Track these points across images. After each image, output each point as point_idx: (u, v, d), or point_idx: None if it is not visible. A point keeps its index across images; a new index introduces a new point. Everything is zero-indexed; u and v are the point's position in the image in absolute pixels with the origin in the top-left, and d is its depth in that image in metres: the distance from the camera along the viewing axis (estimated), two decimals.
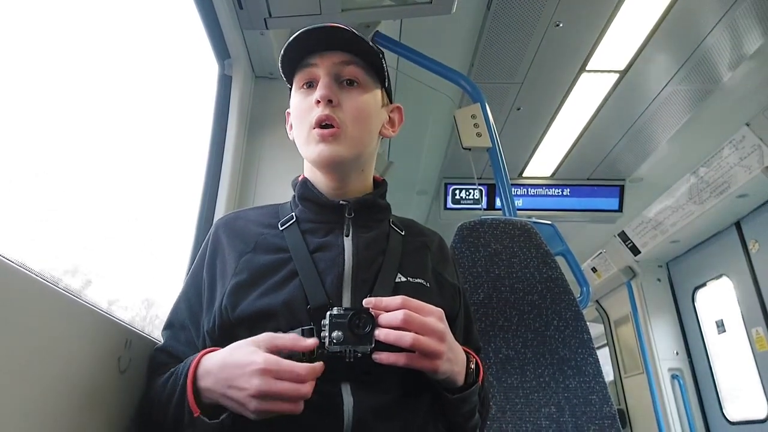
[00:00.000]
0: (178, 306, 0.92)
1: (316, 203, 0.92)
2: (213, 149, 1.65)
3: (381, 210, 0.96)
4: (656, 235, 4.06)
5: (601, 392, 1.37)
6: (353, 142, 0.90)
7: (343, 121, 0.88)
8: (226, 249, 0.90)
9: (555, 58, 2.81)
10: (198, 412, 0.71)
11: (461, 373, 0.80)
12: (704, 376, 3.99)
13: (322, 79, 0.89)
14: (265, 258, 0.86)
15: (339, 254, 0.85)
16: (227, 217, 0.98)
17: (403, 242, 0.94)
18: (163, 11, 1.59)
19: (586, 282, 1.87)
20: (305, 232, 0.89)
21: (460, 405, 0.81)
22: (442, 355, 0.75)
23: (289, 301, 0.80)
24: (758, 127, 3.01)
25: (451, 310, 0.88)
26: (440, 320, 0.77)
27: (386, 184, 1.00)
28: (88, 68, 1.21)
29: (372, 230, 0.91)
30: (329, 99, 0.87)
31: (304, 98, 0.92)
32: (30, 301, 0.63)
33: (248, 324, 0.80)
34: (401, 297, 0.76)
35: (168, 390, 0.77)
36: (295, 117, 0.94)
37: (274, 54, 1.75)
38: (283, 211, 0.96)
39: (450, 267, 0.99)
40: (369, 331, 0.72)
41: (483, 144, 1.96)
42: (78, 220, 1.20)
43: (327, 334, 0.72)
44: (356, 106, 0.90)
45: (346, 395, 0.75)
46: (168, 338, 0.90)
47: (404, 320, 0.72)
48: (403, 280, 0.86)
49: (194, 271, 0.93)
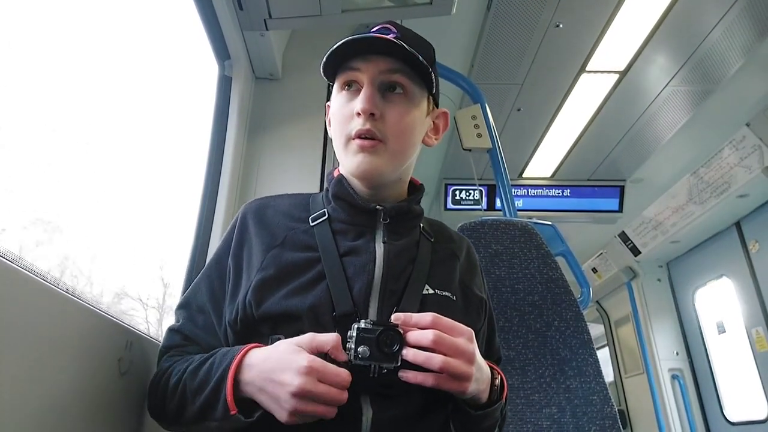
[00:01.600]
0: (198, 287, 0.89)
1: (350, 204, 0.88)
2: (213, 150, 1.65)
3: (415, 216, 0.92)
4: (656, 236, 4.06)
5: (602, 393, 1.37)
6: (394, 155, 0.86)
7: (385, 134, 0.84)
8: (253, 239, 0.87)
9: (555, 58, 2.81)
10: (235, 411, 0.70)
11: (486, 390, 0.79)
12: (704, 376, 3.98)
13: (366, 88, 0.84)
14: (293, 255, 0.84)
15: (370, 261, 0.83)
16: (257, 202, 0.94)
17: (432, 251, 0.91)
18: (163, 12, 1.59)
19: (586, 282, 1.87)
20: (336, 232, 0.87)
21: (482, 421, 0.80)
22: (470, 377, 0.73)
23: (315, 305, 0.78)
24: (758, 127, 3.01)
25: (474, 325, 0.85)
26: (470, 341, 0.75)
27: (423, 190, 0.95)
28: (88, 69, 1.21)
29: (403, 237, 0.88)
30: (371, 113, 0.83)
31: (346, 103, 0.87)
32: (29, 301, 0.63)
33: (272, 323, 0.80)
34: (432, 315, 0.74)
35: (200, 378, 0.74)
36: (335, 121, 0.89)
37: (274, 55, 1.75)
38: (315, 205, 0.92)
39: (477, 277, 0.97)
40: (397, 350, 0.71)
41: (483, 145, 1.96)
42: (77, 220, 1.20)
43: (353, 347, 0.71)
44: (400, 118, 0.85)
45: (365, 407, 0.75)
46: (184, 319, 0.88)
47: (434, 341, 0.71)
48: (430, 293, 0.84)
49: (218, 255, 0.90)
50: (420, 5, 1.63)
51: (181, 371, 0.78)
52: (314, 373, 0.67)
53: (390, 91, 0.86)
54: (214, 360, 0.76)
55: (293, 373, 0.67)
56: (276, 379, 0.69)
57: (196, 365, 0.77)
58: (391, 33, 0.85)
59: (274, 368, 0.69)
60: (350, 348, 0.71)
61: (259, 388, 0.70)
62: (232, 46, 1.64)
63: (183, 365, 0.79)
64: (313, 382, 0.67)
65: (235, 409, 0.70)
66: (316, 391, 0.67)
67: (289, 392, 0.67)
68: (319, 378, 0.68)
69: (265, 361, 0.71)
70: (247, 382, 0.71)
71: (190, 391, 0.75)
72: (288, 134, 1.80)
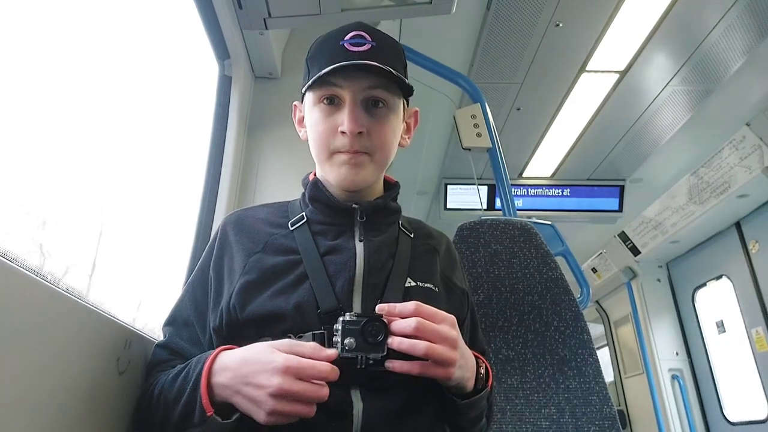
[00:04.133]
0: (182, 302, 0.90)
1: (327, 205, 0.89)
2: (213, 149, 1.65)
3: (392, 213, 0.94)
4: (656, 236, 4.05)
5: (601, 393, 1.37)
6: (378, 165, 0.89)
7: (370, 148, 0.86)
8: (234, 247, 0.88)
9: (555, 58, 2.81)
10: (212, 411, 0.70)
11: (471, 378, 0.80)
12: (704, 376, 3.98)
13: (350, 106, 0.84)
14: (275, 259, 0.85)
15: (350, 258, 0.84)
16: (235, 214, 0.95)
17: (411, 246, 0.93)
18: (163, 11, 1.59)
19: (586, 282, 1.88)
20: (316, 233, 0.88)
21: (469, 410, 0.81)
22: (454, 362, 0.74)
23: (300, 304, 0.79)
24: (758, 127, 3.01)
25: (458, 315, 0.87)
26: (453, 327, 0.76)
27: (398, 187, 0.97)
28: (88, 69, 1.20)
29: (382, 233, 0.90)
30: (359, 131, 0.84)
31: (326, 117, 0.86)
32: (26, 299, 0.63)
33: (257, 325, 0.80)
34: (414, 303, 0.75)
35: (177, 386, 0.75)
36: (315, 133, 0.88)
37: (273, 54, 1.75)
38: (293, 210, 0.94)
39: (458, 270, 0.98)
40: (382, 340, 0.72)
41: (483, 144, 1.96)
42: (77, 220, 1.20)
43: (339, 341, 0.71)
44: (384, 132, 0.87)
45: (355, 400, 0.75)
46: (170, 334, 0.88)
47: (417, 328, 0.72)
48: (412, 285, 0.86)
49: (200, 268, 0.91)
50: (420, 5, 1.63)
51: (162, 383, 0.78)
52: (291, 372, 0.67)
53: (373, 106, 0.87)
54: (189, 368, 0.76)
55: (269, 373, 0.67)
56: (252, 381, 0.68)
57: (174, 374, 0.77)
58: (366, 42, 0.85)
59: (250, 371, 0.69)
60: (337, 341, 0.72)
61: (235, 391, 0.70)
62: (231, 46, 1.64)
63: (164, 377, 0.79)
64: (290, 381, 0.67)
65: (212, 410, 0.70)
66: (296, 390, 0.67)
67: (268, 393, 0.67)
68: (296, 375, 0.67)
69: (242, 362, 0.71)
70: (222, 386, 0.71)
71: (170, 401, 0.75)
72: (287, 132, 1.79)
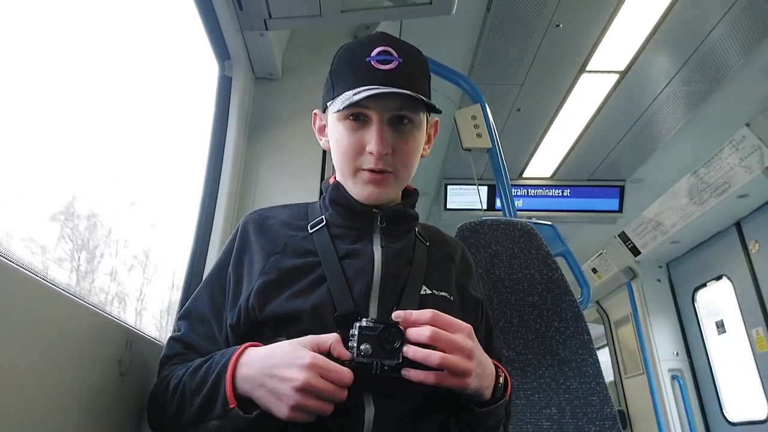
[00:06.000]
0: (199, 297, 0.90)
1: (348, 209, 0.90)
2: (213, 150, 1.65)
3: (410, 220, 0.95)
4: (656, 236, 4.05)
5: (602, 393, 1.37)
6: (402, 181, 0.91)
7: (395, 166, 0.87)
8: (254, 246, 0.89)
9: (555, 58, 2.81)
10: (234, 404, 0.71)
11: (489, 387, 0.80)
12: (704, 376, 3.98)
13: (377, 126, 0.85)
14: (294, 261, 0.86)
15: (368, 263, 0.85)
16: (256, 213, 0.96)
17: (428, 253, 0.93)
18: (163, 12, 1.59)
19: (586, 283, 1.88)
20: (334, 236, 0.89)
21: (487, 418, 0.81)
22: (470, 372, 0.74)
23: (317, 306, 0.80)
24: (758, 128, 3.01)
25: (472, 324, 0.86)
26: (469, 337, 0.76)
27: (417, 194, 0.98)
28: (88, 69, 1.21)
29: (400, 240, 0.91)
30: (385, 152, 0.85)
31: (352, 133, 0.87)
32: (29, 301, 0.63)
33: (274, 325, 0.81)
34: (431, 311, 0.75)
35: (199, 378, 0.75)
36: (340, 149, 0.89)
37: (274, 55, 1.75)
38: (313, 213, 0.95)
39: (473, 279, 0.99)
40: (398, 347, 0.72)
41: (483, 145, 1.96)
42: (77, 220, 1.20)
43: (355, 345, 0.72)
44: (409, 149, 0.88)
45: (367, 404, 0.76)
46: (185, 329, 0.88)
47: (432, 337, 0.72)
48: (428, 293, 0.87)
49: (219, 265, 0.92)
50: (420, 5, 1.63)
51: (181, 375, 0.79)
52: (317, 369, 0.69)
53: (398, 122, 0.87)
54: (212, 360, 0.77)
55: (297, 368, 0.69)
56: (278, 374, 0.70)
57: (195, 367, 0.78)
58: (393, 60, 0.85)
59: (277, 364, 0.71)
60: (353, 346, 0.72)
61: (260, 384, 0.71)
62: (232, 46, 1.64)
63: (182, 369, 0.80)
64: (316, 377, 0.69)
65: (235, 402, 0.71)
66: (320, 387, 0.68)
67: (293, 387, 0.68)
68: (321, 374, 0.69)
69: (267, 357, 0.73)
70: (246, 379, 0.72)
71: (189, 392, 0.75)
72: (288, 134, 1.80)
